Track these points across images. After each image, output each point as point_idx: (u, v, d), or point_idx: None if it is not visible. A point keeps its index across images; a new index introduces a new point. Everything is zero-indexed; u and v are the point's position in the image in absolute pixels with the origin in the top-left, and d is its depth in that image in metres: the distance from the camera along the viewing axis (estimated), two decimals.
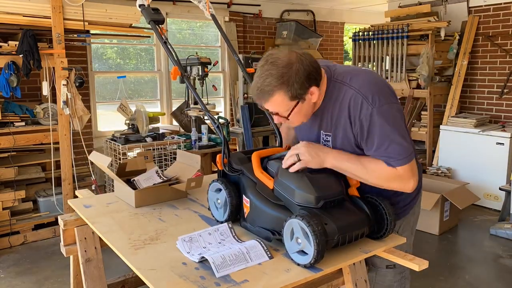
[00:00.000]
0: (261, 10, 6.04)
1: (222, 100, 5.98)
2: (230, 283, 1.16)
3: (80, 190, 2.12)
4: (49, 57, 3.60)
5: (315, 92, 1.39)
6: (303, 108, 1.41)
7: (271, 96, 1.36)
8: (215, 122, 1.58)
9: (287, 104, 1.38)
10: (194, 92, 1.72)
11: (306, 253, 1.23)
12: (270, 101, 1.38)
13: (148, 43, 5.21)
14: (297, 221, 1.23)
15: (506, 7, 4.91)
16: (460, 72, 5.12)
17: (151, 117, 4.06)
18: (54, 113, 3.79)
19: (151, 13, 1.72)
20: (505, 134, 4.37)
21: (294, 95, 1.35)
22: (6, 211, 3.60)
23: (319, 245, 1.18)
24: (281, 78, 1.33)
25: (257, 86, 1.37)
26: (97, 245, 1.77)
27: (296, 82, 1.33)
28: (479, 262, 3.37)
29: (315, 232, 1.18)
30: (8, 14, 3.37)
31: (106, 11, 3.71)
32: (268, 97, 1.37)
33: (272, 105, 1.40)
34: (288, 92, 1.34)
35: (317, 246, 1.18)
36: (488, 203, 4.50)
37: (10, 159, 3.72)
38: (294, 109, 1.39)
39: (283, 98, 1.36)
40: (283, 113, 1.41)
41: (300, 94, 1.36)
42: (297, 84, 1.34)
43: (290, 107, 1.39)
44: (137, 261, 1.29)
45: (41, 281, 3.07)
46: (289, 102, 1.37)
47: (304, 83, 1.35)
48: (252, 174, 1.48)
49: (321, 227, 1.20)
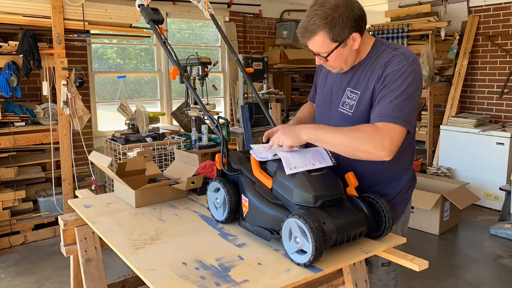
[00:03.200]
0: (261, 10, 6.04)
1: (222, 100, 5.98)
2: (230, 283, 1.15)
3: (80, 190, 2.12)
4: (49, 57, 3.60)
5: (357, 39, 1.41)
6: (343, 53, 1.44)
7: (314, 35, 1.40)
8: (214, 122, 1.59)
9: (328, 45, 1.41)
10: (193, 92, 1.72)
11: (305, 252, 1.23)
12: (312, 40, 1.42)
13: (148, 43, 5.21)
14: (294, 220, 1.23)
15: (506, 7, 4.91)
16: (460, 72, 5.12)
17: (151, 117, 4.06)
18: (54, 113, 3.79)
19: (150, 13, 1.72)
20: (505, 134, 4.37)
21: (335, 37, 1.39)
22: (6, 211, 3.60)
23: (317, 242, 1.18)
24: (325, 19, 1.37)
25: (303, 25, 1.42)
26: (97, 245, 1.77)
27: (338, 24, 1.37)
28: (479, 262, 3.37)
29: (312, 228, 1.18)
30: (8, 14, 3.37)
31: (106, 11, 3.71)
32: (311, 35, 1.41)
33: (314, 45, 1.44)
34: (330, 33, 1.38)
35: (315, 243, 1.18)
36: (488, 203, 4.50)
37: (10, 159, 3.72)
38: (334, 51, 1.42)
39: (324, 38, 1.40)
40: (323, 54, 1.44)
41: (342, 38, 1.39)
42: (339, 26, 1.37)
43: (330, 49, 1.42)
44: (137, 261, 1.29)
45: (41, 281, 3.07)
46: (330, 43, 1.41)
47: (347, 27, 1.38)
48: (251, 173, 1.49)
49: (318, 224, 1.20)
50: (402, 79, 1.37)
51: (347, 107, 1.52)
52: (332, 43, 1.41)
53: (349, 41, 1.41)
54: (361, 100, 1.48)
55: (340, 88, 1.56)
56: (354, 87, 1.50)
